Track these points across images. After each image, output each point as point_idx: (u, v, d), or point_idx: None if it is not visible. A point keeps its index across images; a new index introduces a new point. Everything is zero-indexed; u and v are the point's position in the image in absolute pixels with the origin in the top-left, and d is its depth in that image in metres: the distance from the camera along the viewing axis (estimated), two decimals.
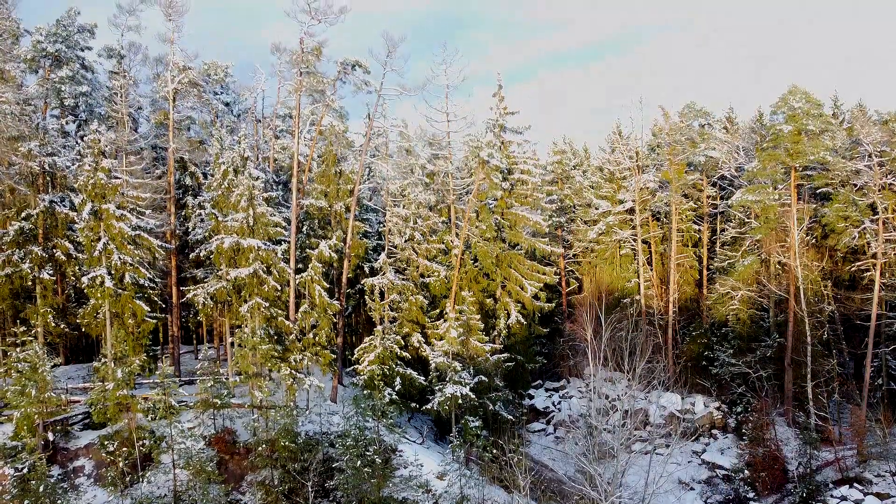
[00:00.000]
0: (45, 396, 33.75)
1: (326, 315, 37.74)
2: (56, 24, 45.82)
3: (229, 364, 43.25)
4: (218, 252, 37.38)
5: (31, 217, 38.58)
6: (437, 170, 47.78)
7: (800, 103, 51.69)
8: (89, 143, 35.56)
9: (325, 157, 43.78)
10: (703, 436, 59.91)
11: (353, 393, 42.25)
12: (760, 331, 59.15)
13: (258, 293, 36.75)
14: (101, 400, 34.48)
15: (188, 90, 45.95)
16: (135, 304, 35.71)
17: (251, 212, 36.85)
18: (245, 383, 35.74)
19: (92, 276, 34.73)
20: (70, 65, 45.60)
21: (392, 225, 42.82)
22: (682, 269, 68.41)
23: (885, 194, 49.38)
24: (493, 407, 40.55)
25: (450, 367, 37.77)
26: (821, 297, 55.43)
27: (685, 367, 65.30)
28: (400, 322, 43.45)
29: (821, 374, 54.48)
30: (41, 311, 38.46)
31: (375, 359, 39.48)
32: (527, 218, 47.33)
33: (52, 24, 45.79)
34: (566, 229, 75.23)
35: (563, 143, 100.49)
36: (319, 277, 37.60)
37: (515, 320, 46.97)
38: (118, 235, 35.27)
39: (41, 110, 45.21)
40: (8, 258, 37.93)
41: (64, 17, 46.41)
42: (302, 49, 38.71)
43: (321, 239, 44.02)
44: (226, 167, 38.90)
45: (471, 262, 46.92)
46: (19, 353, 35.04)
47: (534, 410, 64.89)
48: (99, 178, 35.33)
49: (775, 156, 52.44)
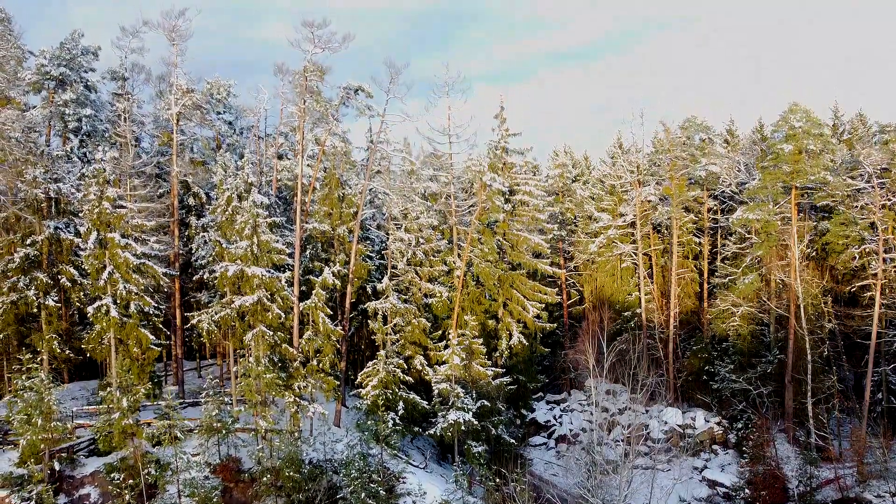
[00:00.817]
0: (51, 426, 34.02)
1: (330, 341, 37.99)
2: (60, 48, 46.03)
3: (233, 384, 43.54)
4: (222, 279, 37.61)
5: (36, 243, 38.80)
6: (440, 191, 47.99)
7: (800, 122, 51.90)
8: (94, 173, 35.78)
9: (327, 179, 44.00)
10: (703, 451, 60.17)
11: (356, 416, 42.52)
12: (761, 346, 59.38)
13: (262, 320, 36.99)
14: (107, 428, 34.74)
15: (191, 112, 46.20)
16: (140, 332, 35.97)
17: (255, 239, 37.07)
18: (250, 410, 35.98)
19: (97, 306, 34.99)
20: (74, 87, 45.79)
21: (395, 248, 43.03)
22: (683, 283, 68.62)
23: (886, 213, 49.59)
24: (495, 431, 40.81)
25: (453, 392, 38.01)
26: (821, 313, 55.66)
27: (686, 381, 65.64)
28: (402, 344, 43.69)
29: (821, 391, 54.77)
30: (46, 337, 38.70)
31: (378, 384, 39.74)
32: (528, 239, 47.56)
33: (56, 47, 46.00)
34: (567, 241, 75.40)
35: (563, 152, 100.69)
36: (323, 304, 37.85)
37: (517, 341, 47.24)
38: (123, 265, 35.51)
39: (45, 133, 45.49)
40: (13, 285, 38.17)
41: (68, 39, 46.62)
42: (306, 78, 38.90)
43: (324, 262, 44.27)
44: (230, 193, 39.10)
45: (473, 283, 47.17)
46: (25, 381, 35.29)
47: (535, 424, 65.15)
48: (104, 208, 35.56)
49: (776, 174, 52.66)
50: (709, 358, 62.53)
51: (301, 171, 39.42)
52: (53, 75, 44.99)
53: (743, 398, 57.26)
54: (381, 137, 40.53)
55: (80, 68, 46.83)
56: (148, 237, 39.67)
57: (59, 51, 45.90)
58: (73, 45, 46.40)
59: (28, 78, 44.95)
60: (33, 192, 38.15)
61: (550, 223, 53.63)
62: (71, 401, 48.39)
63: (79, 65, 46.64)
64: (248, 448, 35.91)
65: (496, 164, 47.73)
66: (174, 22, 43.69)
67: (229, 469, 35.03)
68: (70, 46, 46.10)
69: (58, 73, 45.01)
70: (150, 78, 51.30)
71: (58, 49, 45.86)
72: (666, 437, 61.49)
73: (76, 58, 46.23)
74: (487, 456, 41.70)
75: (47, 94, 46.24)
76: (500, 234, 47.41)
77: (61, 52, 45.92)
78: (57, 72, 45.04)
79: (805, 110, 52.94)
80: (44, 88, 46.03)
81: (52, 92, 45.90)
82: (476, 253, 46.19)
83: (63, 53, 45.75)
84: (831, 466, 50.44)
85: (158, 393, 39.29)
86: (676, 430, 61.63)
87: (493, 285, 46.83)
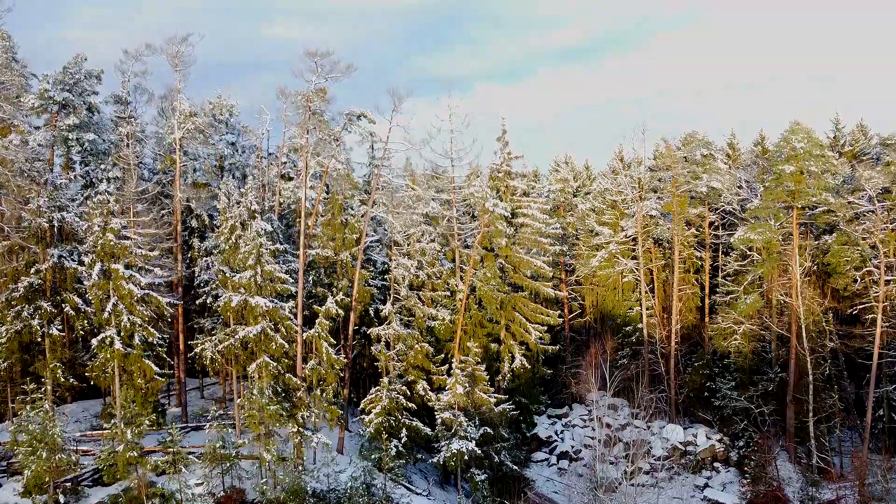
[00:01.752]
0: (56, 458, 34.20)
1: (333, 370, 38.15)
2: (63, 72, 46.10)
3: (235, 406, 43.65)
4: (226, 308, 37.74)
5: (40, 272, 38.92)
6: (442, 213, 48.13)
7: (801, 143, 52.03)
8: (98, 203, 35.90)
9: (330, 204, 44.15)
10: (705, 468, 60.35)
11: (359, 442, 42.68)
12: (762, 362, 59.53)
13: (266, 350, 37.14)
14: (111, 460, 34.89)
15: (194, 135, 46.32)
16: (144, 363, 36.11)
17: (259, 269, 37.19)
18: (253, 441, 36.12)
19: (102, 338, 35.14)
20: (77, 112, 45.90)
21: (397, 273, 43.16)
22: (685, 297, 68.73)
23: (887, 235, 49.71)
24: (498, 458, 40.97)
25: (456, 421, 38.17)
26: (823, 332, 55.83)
27: (687, 396, 65.77)
28: (405, 368, 43.83)
29: (823, 410, 54.93)
30: (50, 366, 38.84)
31: (381, 411, 39.87)
32: (531, 262, 47.72)
33: (59, 72, 46.07)
34: (569, 255, 75.45)
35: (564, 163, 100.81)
36: (326, 334, 37.98)
37: (520, 364, 47.46)
38: (127, 296, 35.65)
39: (48, 158, 45.59)
40: (17, 313, 38.29)
41: (71, 63, 46.69)
42: (309, 108, 39.01)
43: (327, 287, 44.40)
44: (233, 222, 39.22)
45: (475, 307, 47.31)
46: (29, 411, 35.45)
47: (537, 439, 65.17)
48: (108, 239, 35.69)
49: (777, 194, 52.82)
50: (710, 374, 62.67)
51: (304, 196, 39.47)
52: (57, 100, 45.08)
53: (744, 416, 57.41)
54: (384, 164, 40.57)
55: (83, 92, 46.93)
56: (151, 266, 39.75)
57: (63, 75, 45.97)
58: (77, 70, 46.49)
59: (31, 103, 45.04)
60: (37, 222, 38.24)
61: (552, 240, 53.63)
62: (74, 423, 48.55)
63: (82, 89, 46.74)
64: (251, 480, 36.06)
65: (499, 186, 47.89)
66: (177, 48, 43.87)
67: (233, 500, 35.13)
68: (73, 71, 46.18)
69: (61, 99, 45.09)
70: (153, 98, 51.51)
71: (61, 73, 45.94)
72: (667, 454, 61.66)
73: (79, 82, 46.34)
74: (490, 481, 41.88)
75: (50, 118, 46.32)
76: (502, 256, 47.55)
77: (64, 76, 46.01)
78: (60, 97, 45.12)
79: (806, 130, 53.06)
80: (47, 112, 46.11)
81: (55, 115, 45.99)
82: (478, 276, 46.34)
83: (66, 78, 45.83)
84: (833, 486, 50.60)
85: (162, 421, 39.45)
86: (678, 447, 61.81)
87: (496, 309, 46.98)
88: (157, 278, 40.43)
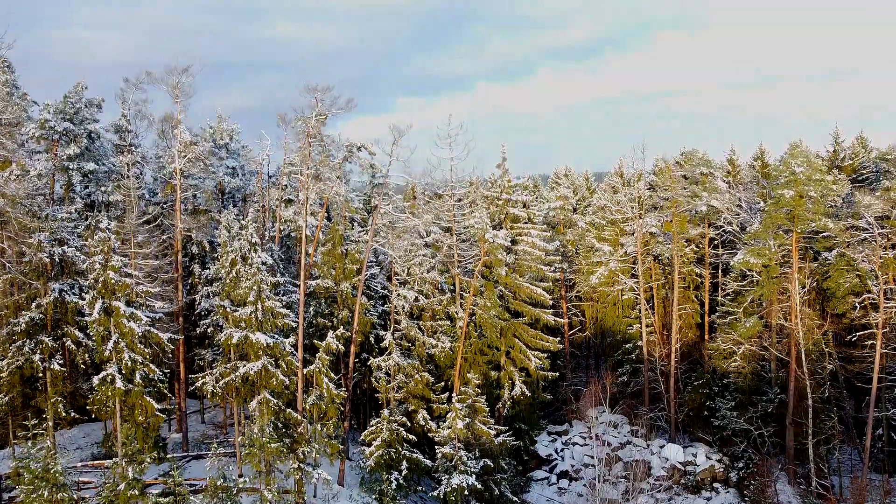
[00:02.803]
0: (58, 497, 34.36)
1: (334, 405, 38.30)
2: (63, 101, 46.16)
3: (236, 432, 43.84)
4: (227, 343, 37.90)
5: (41, 306, 39.06)
6: (442, 241, 48.28)
7: (801, 168, 52.12)
8: (99, 242, 35.99)
9: (330, 235, 44.27)
10: (704, 489, 60.50)
11: (359, 473, 42.86)
12: (762, 382, 59.71)
13: (266, 385, 37.30)
14: (112, 498, 35.06)
15: (194, 164, 46.42)
16: (145, 400, 36.25)
17: (259, 305, 37.31)
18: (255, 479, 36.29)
19: (103, 376, 35.27)
20: (78, 141, 45.98)
21: (398, 305, 43.30)
22: (685, 314, 68.89)
23: (887, 260, 49.75)
24: (497, 490, 41.15)
25: (456, 456, 38.37)
26: (822, 353, 55.99)
27: (687, 416, 65.94)
28: (405, 397, 43.99)
29: (822, 432, 55.13)
30: (52, 401, 38.99)
31: (381, 444, 40.05)
32: (531, 290, 47.89)
33: (60, 101, 46.12)
34: (569, 270, 75.51)
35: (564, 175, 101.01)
36: (327, 369, 38.13)
37: (520, 391, 47.66)
38: (129, 334, 35.77)
39: (49, 189, 45.70)
40: (19, 348, 38.44)
41: (71, 93, 46.75)
42: (308, 139, 39.12)
43: (328, 317, 44.56)
44: (233, 256, 39.28)
45: (475, 334, 47.48)
46: (31, 448, 35.60)
47: (536, 458, 65.23)
48: (109, 277, 35.79)
49: (776, 218, 52.95)
50: (710, 394, 62.82)
51: (304, 235, 39.54)
52: (58, 130, 45.14)
53: (744, 437, 57.58)
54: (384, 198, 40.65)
55: (83, 121, 46.96)
56: (152, 299, 39.86)
57: (63, 104, 46.02)
58: (77, 99, 46.54)
59: (32, 132, 45.12)
60: (38, 256, 38.36)
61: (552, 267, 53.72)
62: (75, 450, 48.75)
63: (82, 118, 46.78)
64: None
65: (498, 215, 48.10)
66: (177, 79, 43.95)
67: None
68: (74, 100, 46.23)
69: (62, 129, 45.15)
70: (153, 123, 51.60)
71: (61, 103, 45.99)
72: (667, 474, 61.82)
73: (80, 111, 46.39)
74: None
75: (50, 146, 46.38)
76: (501, 284, 47.69)
77: (65, 105, 46.05)
78: (61, 127, 45.17)
79: (805, 154, 53.18)
80: (47, 140, 46.17)
81: (55, 144, 46.06)
82: (479, 304, 46.50)
83: (67, 108, 45.87)
84: None
85: (164, 456, 39.60)
86: (678, 467, 61.98)
87: (496, 336, 47.16)
88: (157, 312, 40.56)
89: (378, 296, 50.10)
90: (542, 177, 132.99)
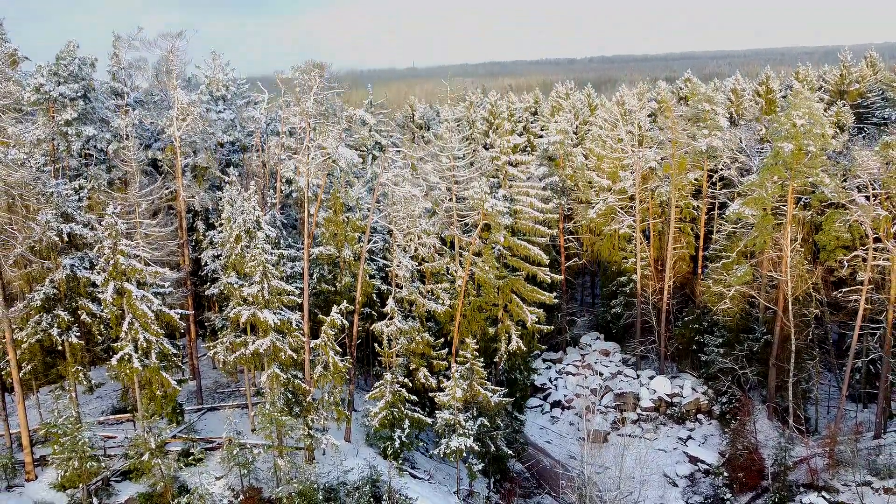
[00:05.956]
0: (87, 467, 37.29)
1: (339, 374, 40.46)
2: (56, 63, 45.39)
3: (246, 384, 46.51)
4: (236, 319, 39.57)
5: (54, 281, 40.39)
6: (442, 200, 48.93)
7: (802, 120, 51.88)
8: (107, 226, 36.87)
9: (332, 202, 44.91)
10: (689, 419, 64.37)
11: (365, 427, 45.77)
12: (750, 319, 62.01)
13: (276, 359, 39.34)
14: (138, 465, 37.96)
15: (193, 126, 46.29)
16: (162, 376, 38.35)
17: (265, 284, 38.66)
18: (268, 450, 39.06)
19: (120, 356, 37.18)
20: (74, 105, 45.61)
21: (400, 273, 44.64)
22: (679, 248, 70.36)
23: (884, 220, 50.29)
24: (493, 447, 44.15)
25: (455, 420, 40.99)
26: (810, 297, 57.90)
27: (677, 349, 68.87)
28: (406, 354, 46.18)
29: (804, 371, 58.05)
30: (71, 370, 41.16)
31: (385, 405, 42.58)
32: (528, 248, 49.05)
33: (52, 63, 45.35)
34: (567, 201, 76.18)
35: (564, 95, 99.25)
36: (332, 342, 39.98)
37: (516, 346, 49.93)
38: (142, 316, 37.36)
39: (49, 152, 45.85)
40: (37, 323, 40.13)
41: (63, 52, 45.86)
42: (311, 91, 39.05)
43: (330, 284, 46.04)
44: (238, 232, 40.21)
45: (474, 292, 49.14)
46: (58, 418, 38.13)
47: (532, 386, 68.68)
48: (118, 260, 36.97)
49: (775, 170, 53.20)
50: (699, 329, 65.38)
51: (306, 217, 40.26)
52: (53, 96, 44.71)
53: (729, 374, 60.56)
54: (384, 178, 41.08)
55: (77, 79, 46.33)
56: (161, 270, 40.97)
57: (56, 66, 45.27)
58: (70, 60, 45.71)
59: (28, 97, 44.70)
60: (48, 235, 39.30)
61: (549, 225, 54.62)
62: (96, 399, 51.40)
63: (77, 78, 46.14)
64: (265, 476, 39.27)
65: (498, 174, 48.51)
66: (172, 43, 43.08)
67: (251, 499, 38.47)
68: (66, 62, 45.43)
69: (57, 95, 44.71)
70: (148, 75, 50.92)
71: (54, 65, 45.22)
72: (654, 405, 65.47)
73: (73, 73, 45.70)
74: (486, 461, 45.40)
75: (47, 109, 46.08)
76: (500, 244, 48.82)
77: (58, 67, 45.30)
78: (56, 91, 44.71)
79: (808, 105, 52.65)
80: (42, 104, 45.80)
81: (52, 107, 45.75)
82: (477, 263, 47.81)
83: (60, 70, 45.16)
84: (806, 444, 54.35)
85: (181, 420, 42.28)
86: (664, 399, 65.53)
87: (494, 295, 48.87)
88: (166, 281, 41.92)
89: (379, 255, 51.23)
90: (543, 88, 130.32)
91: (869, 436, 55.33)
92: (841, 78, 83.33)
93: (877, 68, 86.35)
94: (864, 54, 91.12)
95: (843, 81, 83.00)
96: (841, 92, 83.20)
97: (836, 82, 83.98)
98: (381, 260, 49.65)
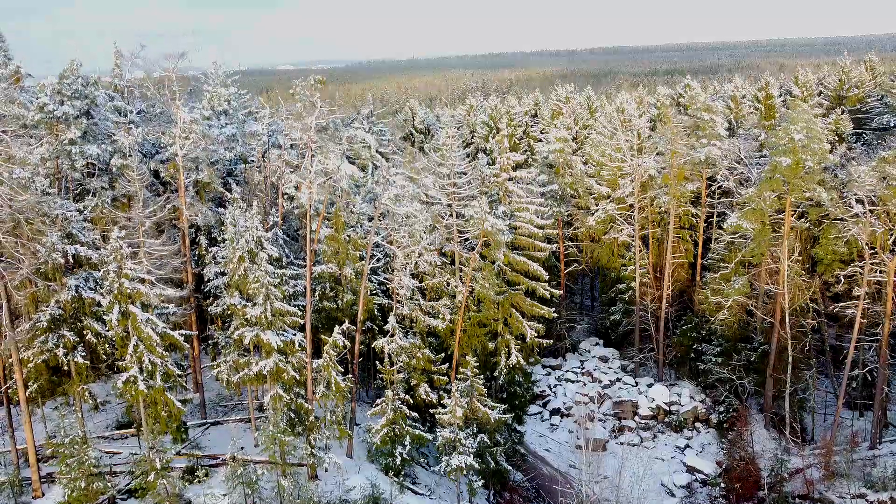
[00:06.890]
0: (93, 487, 37.96)
1: (342, 394, 41.05)
2: (59, 81, 45.72)
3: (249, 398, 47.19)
4: (239, 340, 40.15)
5: (59, 302, 40.88)
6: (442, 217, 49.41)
7: (800, 134, 52.22)
8: (112, 250, 37.31)
9: (334, 220, 45.36)
10: (686, 427, 65.03)
11: (367, 443, 46.41)
12: (748, 329, 62.61)
13: (278, 380, 39.95)
14: (143, 484, 38.60)
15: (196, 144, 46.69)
16: (167, 398, 38.91)
17: (268, 306, 39.19)
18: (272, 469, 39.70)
19: (125, 379, 37.72)
20: (78, 122, 45.95)
21: (400, 293, 45.18)
22: (679, 256, 70.81)
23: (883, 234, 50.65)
24: (493, 463, 44.82)
25: (455, 438, 41.62)
26: (807, 308, 58.48)
27: (675, 357, 69.52)
28: (408, 372, 46.77)
29: (800, 381, 58.73)
30: (77, 390, 41.73)
31: (386, 422, 43.20)
32: (527, 264, 49.60)
33: (56, 81, 45.68)
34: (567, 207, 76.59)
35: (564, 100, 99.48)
36: (334, 363, 40.55)
37: (516, 360, 50.59)
38: (147, 339, 37.89)
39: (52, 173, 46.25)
40: (43, 343, 40.66)
41: (67, 71, 46.18)
42: (313, 104, 39.45)
43: (332, 301, 46.57)
44: (241, 253, 40.70)
45: (474, 308, 49.73)
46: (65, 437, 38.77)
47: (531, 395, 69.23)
48: (123, 284, 37.44)
49: (772, 184, 53.62)
50: (697, 338, 65.99)
51: (308, 233, 40.73)
52: (57, 115, 45.07)
53: (727, 383, 61.22)
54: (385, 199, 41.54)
55: (81, 97, 46.64)
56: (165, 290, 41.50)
57: (59, 84, 45.62)
58: (73, 79, 46.04)
59: (31, 117, 45.08)
60: (53, 257, 39.75)
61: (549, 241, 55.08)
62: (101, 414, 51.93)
63: (81, 96, 46.46)
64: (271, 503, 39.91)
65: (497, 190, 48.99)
66: (174, 64, 43.38)
67: None
68: (70, 81, 45.77)
69: (60, 114, 45.06)
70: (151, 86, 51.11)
71: (57, 83, 45.56)
72: (653, 413, 66.12)
73: (77, 91, 46.02)
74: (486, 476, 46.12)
75: (51, 129, 46.42)
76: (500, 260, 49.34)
77: (61, 85, 45.65)
78: (60, 111, 45.07)
79: (806, 118, 52.98)
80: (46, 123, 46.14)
81: (56, 127, 46.11)
82: (477, 279, 48.33)
83: (63, 88, 45.50)
84: (803, 455, 55.07)
85: (186, 437, 42.92)
86: (662, 407, 66.19)
87: (494, 309, 49.47)
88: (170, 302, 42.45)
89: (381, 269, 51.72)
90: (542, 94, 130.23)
91: (864, 446, 56.00)
92: (840, 83, 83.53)
93: (875, 73, 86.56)
94: (864, 58, 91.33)
95: (841, 87, 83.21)
96: (840, 97, 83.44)
97: (835, 87, 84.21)
98: (383, 274, 50.14)
